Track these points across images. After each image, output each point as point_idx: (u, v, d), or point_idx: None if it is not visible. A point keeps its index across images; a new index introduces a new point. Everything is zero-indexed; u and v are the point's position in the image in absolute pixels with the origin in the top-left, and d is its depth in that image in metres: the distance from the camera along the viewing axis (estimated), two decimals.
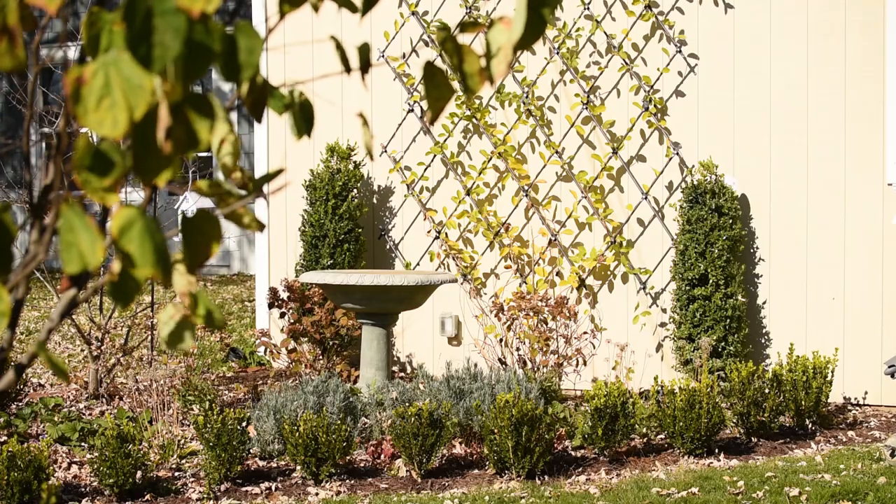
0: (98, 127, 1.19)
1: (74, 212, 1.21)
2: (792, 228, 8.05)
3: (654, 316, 8.38)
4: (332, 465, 5.93)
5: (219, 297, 13.85)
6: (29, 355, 1.34)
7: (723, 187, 7.95)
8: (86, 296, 1.37)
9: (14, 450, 5.49)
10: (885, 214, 7.79)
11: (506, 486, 5.86)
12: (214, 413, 5.93)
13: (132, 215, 1.22)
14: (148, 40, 1.18)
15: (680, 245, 8.03)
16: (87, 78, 1.19)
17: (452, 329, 8.87)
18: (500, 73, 1.40)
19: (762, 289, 8.14)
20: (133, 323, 8.41)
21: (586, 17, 8.56)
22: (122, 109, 1.18)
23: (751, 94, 8.12)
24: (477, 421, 6.33)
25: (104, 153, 1.21)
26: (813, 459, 6.36)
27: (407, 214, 9.04)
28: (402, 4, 9.00)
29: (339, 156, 8.89)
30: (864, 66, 7.83)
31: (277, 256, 9.35)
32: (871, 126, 7.80)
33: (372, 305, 7.39)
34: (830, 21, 7.91)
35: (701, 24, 8.26)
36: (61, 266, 1.24)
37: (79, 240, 1.22)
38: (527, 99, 8.64)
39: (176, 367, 7.37)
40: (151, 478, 5.92)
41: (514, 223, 8.73)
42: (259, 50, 1.29)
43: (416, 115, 8.98)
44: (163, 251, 1.23)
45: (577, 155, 8.58)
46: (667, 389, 6.50)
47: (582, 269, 8.53)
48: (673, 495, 5.67)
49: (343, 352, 8.34)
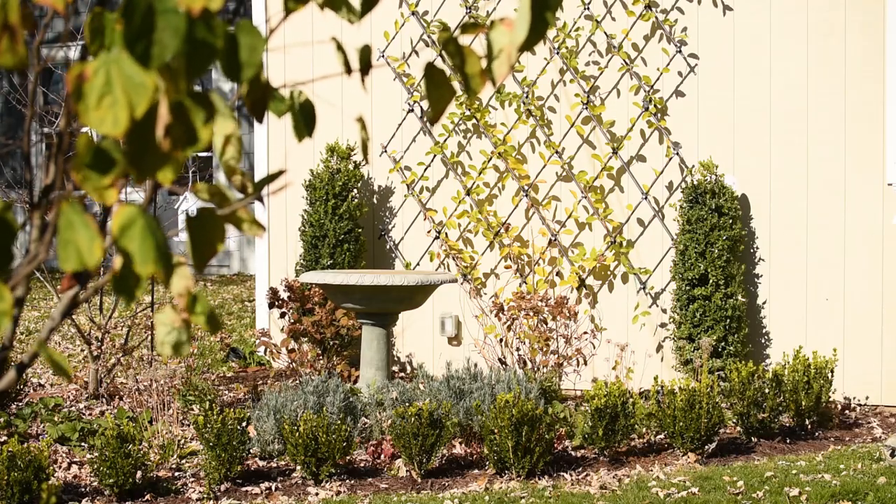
0: (99, 125, 1.19)
1: (74, 210, 1.22)
2: (792, 228, 8.05)
3: (654, 316, 8.38)
4: (332, 465, 5.93)
5: (219, 297, 13.85)
6: (30, 354, 1.34)
7: (723, 187, 7.95)
8: (86, 295, 1.37)
9: (14, 450, 5.49)
10: (885, 214, 7.79)
11: (506, 486, 5.86)
12: (214, 413, 5.93)
13: (133, 214, 1.22)
14: (146, 38, 1.18)
15: (680, 245, 8.03)
16: (89, 75, 1.19)
17: (452, 329, 8.87)
18: (502, 74, 1.40)
19: (762, 289, 8.14)
20: (133, 323, 8.41)
21: (586, 17, 8.56)
22: (122, 107, 1.18)
23: (751, 94, 8.12)
24: (477, 421, 6.33)
25: (105, 151, 1.21)
26: (813, 459, 6.36)
27: (407, 214, 9.04)
28: (402, 4, 9.00)
29: (339, 156, 8.89)
30: (864, 66, 7.83)
31: (277, 256, 9.35)
32: (871, 126, 7.80)
33: (372, 305, 7.39)
34: (830, 21, 7.91)
35: (701, 24, 8.26)
36: (59, 264, 1.24)
37: (77, 238, 1.22)
38: (527, 99, 8.64)
39: (176, 367, 7.37)
40: (151, 478, 5.92)
41: (514, 223, 8.73)
42: (261, 48, 1.29)
43: (416, 115, 8.98)
44: (164, 248, 1.23)
45: (577, 155, 8.58)
46: (667, 389, 6.50)
47: (582, 269, 8.53)
48: (673, 495, 5.67)
49: (343, 352, 8.34)
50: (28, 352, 1.31)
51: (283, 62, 9.13)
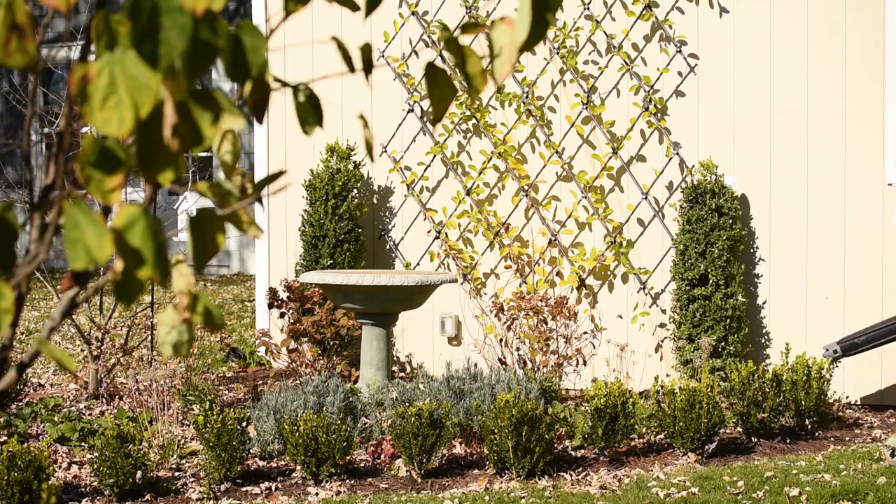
0: (104, 125, 1.19)
1: (79, 208, 1.21)
2: (792, 228, 8.05)
3: (654, 316, 8.38)
4: (332, 465, 5.93)
5: (219, 297, 13.85)
6: (31, 353, 1.34)
7: (723, 187, 7.95)
8: (86, 295, 1.37)
9: (14, 450, 5.49)
10: (885, 214, 7.79)
11: (506, 486, 5.86)
12: (214, 413, 5.93)
13: (135, 214, 1.22)
14: (153, 38, 1.18)
15: (680, 245, 8.03)
16: (93, 76, 1.19)
17: (452, 329, 8.87)
18: (504, 74, 1.40)
19: (762, 289, 8.14)
20: (133, 323, 8.41)
21: (586, 17, 8.56)
22: (127, 108, 1.18)
23: (751, 94, 8.12)
24: (477, 421, 6.33)
25: (110, 150, 1.21)
26: (813, 459, 6.37)
27: (407, 214, 9.04)
28: (402, 4, 9.00)
29: (339, 156, 8.89)
30: (864, 66, 7.83)
31: (277, 256, 9.35)
32: (871, 126, 7.81)
33: (372, 305, 7.39)
34: (830, 21, 7.91)
35: (701, 24, 8.26)
36: (67, 264, 1.24)
37: (85, 235, 1.22)
38: (527, 99, 8.64)
39: (176, 367, 7.37)
40: (151, 478, 5.92)
41: (514, 223, 8.73)
42: (263, 48, 1.29)
43: (416, 115, 8.98)
44: (163, 251, 1.23)
45: (577, 155, 8.58)
46: (667, 389, 6.50)
47: (582, 269, 8.53)
48: (673, 495, 5.67)
49: (343, 352, 8.34)
50: (28, 352, 1.31)
51: (283, 62, 9.13)
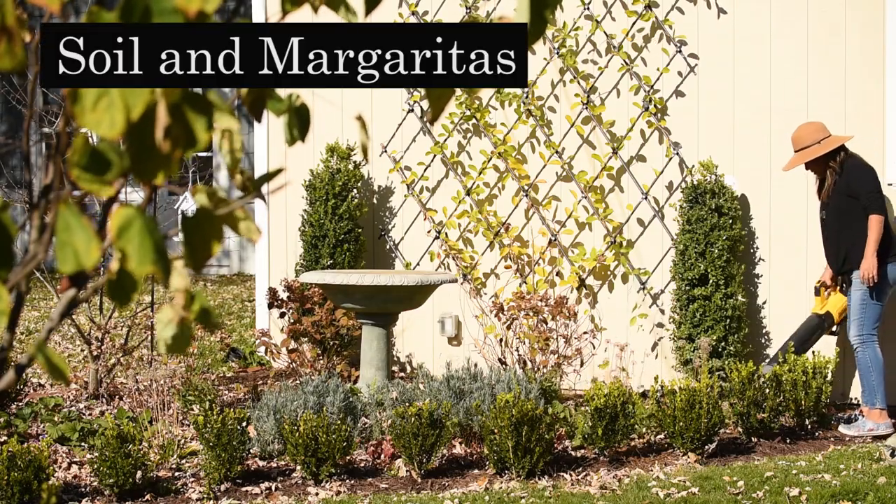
0: (96, 127, 1.19)
1: (71, 211, 1.21)
2: (792, 228, 8.05)
3: (654, 316, 8.38)
4: (332, 465, 5.92)
5: (219, 297, 13.85)
6: (29, 356, 1.34)
7: (723, 187, 7.94)
8: (86, 296, 1.37)
9: (14, 450, 5.49)
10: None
11: (506, 486, 5.86)
12: (214, 413, 5.93)
13: (131, 215, 1.22)
14: None
15: (680, 245, 8.02)
16: None
17: (452, 329, 8.87)
18: None
19: (762, 289, 8.14)
20: (133, 323, 8.41)
21: (586, 16, 8.56)
22: (119, 110, 1.18)
23: (751, 94, 8.12)
24: (477, 421, 6.33)
25: (101, 153, 1.21)
26: (813, 459, 6.36)
27: (407, 214, 9.04)
28: (402, 4, 9.00)
29: (339, 156, 8.89)
30: (864, 66, 7.83)
31: (277, 256, 9.35)
32: (871, 126, 7.80)
33: (372, 305, 7.39)
34: (830, 21, 7.91)
35: (701, 24, 8.26)
36: (57, 266, 1.24)
37: (74, 239, 1.22)
38: (527, 99, 8.63)
39: (176, 367, 7.37)
40: (151, 478, 5.92)
41: (514, 223, 8.72)
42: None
43: (416, 115, 8.98)
44: (161, 249, 1.23)
45: (577, 155, 8.58)
46: (667, 389, 6.50)
47: (582, 269, 8.53)
48: (673, 495, 5.67)
49: (343, 352, 8.34)
50: (27, 353, 1.31)
51: None
